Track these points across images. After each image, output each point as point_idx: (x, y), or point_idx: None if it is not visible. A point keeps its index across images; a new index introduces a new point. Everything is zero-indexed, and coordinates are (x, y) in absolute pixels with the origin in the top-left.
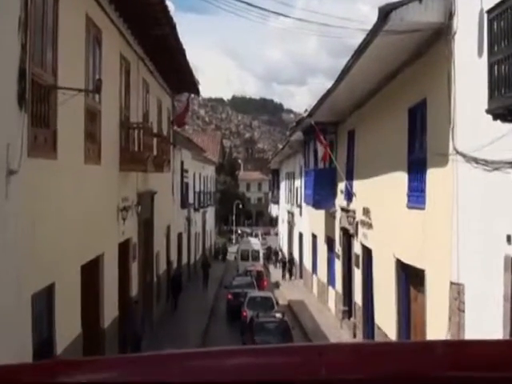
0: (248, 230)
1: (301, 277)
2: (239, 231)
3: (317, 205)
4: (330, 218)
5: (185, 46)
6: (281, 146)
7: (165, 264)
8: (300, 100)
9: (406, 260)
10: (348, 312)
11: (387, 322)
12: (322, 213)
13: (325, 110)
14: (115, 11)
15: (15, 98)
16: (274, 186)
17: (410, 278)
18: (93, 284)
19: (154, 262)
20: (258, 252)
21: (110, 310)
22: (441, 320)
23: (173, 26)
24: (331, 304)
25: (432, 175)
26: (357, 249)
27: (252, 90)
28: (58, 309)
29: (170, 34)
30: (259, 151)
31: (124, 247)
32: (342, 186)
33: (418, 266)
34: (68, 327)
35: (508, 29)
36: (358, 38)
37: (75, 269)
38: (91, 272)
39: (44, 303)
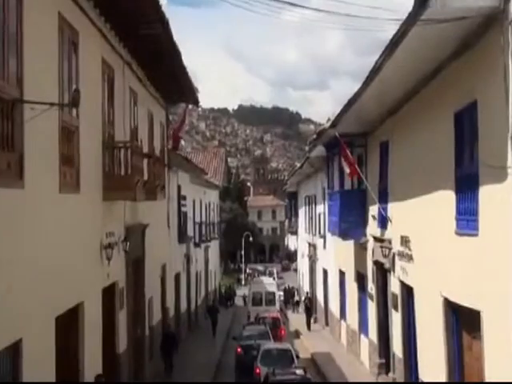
0: (260, 267)
1: (326, 323)
2: (249, 270)
3: (344, 234)
4: (360, 249)
5: (180, 48)
6: (298, 164)
7: (159, 312)
8: (321, 108)
9: (456, 299)
10: (385, 365)
11: (435, 377)
12: (350, 244)
13: (351, 119)
14: (95, 8)
15: None
16: (291, 212)
17: (462, 322)
18: (71, 339)
19: (146, 311)
20: (273, 294)
21: (91, 370)
22: (504, 373)
23: (165, 23)
24: (364, 356)
25: (486, 194)
26: (394, 287)
27: (262, 97)
28: (27, 370)
29: (162, 33)
30: (272, 171)
31: (109, 293)
32: (374, 210)
33: (472, 306)
34: None
35: None
36: (390, 31)
37: (48, 321)
38: (68, 324)
39: (8, 365)
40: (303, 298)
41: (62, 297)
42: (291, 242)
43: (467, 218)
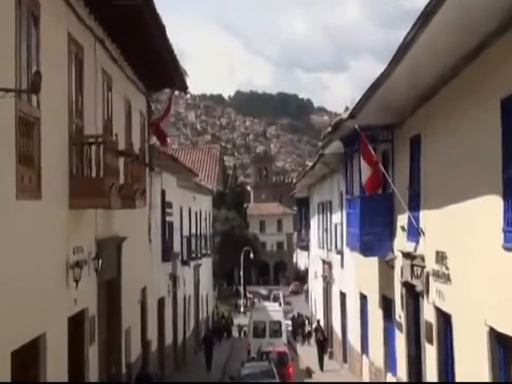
0: (263, 290)
1: (344, 359)
2: (249, 294)
3: (366, 250)
4: (385, 268)
5: (164, 20)
6: (310, 164)
7: (139, 346)
8: (337, 94)
9: (504, 329)
10: None
11: None
12: (373, 262)
13: (375, 108)
14: None
15: None
16: (301, 223)
17: None
18: (29, 378)
19: (122, 344)
20: (278, 324)
21: None
22: None
23: None
24: None
25: None
26: (428, 314)
27: (265, 81)
28: None
29: (142, 3)
30: (278, 172)
31: (77, 323)
32: (402, 219)
33: None
34: None
35: None
36: None
37: (1, 357)
38: (26, 361)
39: None
40: (314, 327)
41: (18, 327)
42: (301, 259)
43: None
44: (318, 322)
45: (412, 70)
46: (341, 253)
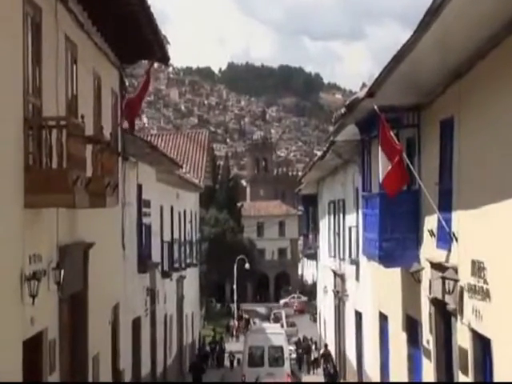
0: (262, 309)
1: None
2: (245, 314)
3: (387, 259)
4: (410, 282)
5: None
6: (319, 154)
7: (109, 376)
8: (352, 67)
9: None
10: None
11: None
12: (395, 274)
13: (397, 85)
14: None
15: None
16: (308, 226)
17: None
18: None
19: (89, 374)
20: (280, 350)
21: None
22: None
23: None
24: None
25: None
26: (463, 338)
27: (265, 51)
28: None
29: None
30: (280, 163)
31: (33, 347)
32: (431, 222)
33: None
34: None
35: None
36: None
37: None
38: None
39: None
40: (321, 353)
41: None
42: (308, 270)
43: None
44: (326, 346)
45: (443, 39)
46: (356, 263)
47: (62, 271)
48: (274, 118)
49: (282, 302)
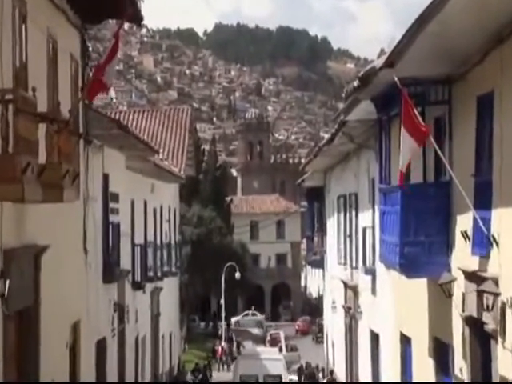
0: (255, 329)
1: None
2: (235, 336)
3: (410, 267)
4: (439, 296)
5: None
6: (326, 137)
7: None
8: (367, 30)
9: None
10: None
11: None
12: (421, 286)
13: (423, 52)
14: None
15: None
16: (313, 226)
17: None
18: None
19: None
20: (278, 379)
21: None
22: None
23: None
24: None
25: None
26: (505, 366)
27: (261, 10)
28: None
29: None
30: (278, 149)
31: None
32: (465, 222)
33: None
34: None
35: None
36: None
37: None
38: None
39: None
40: (325, 381)
41: None
42: (312, 281)
43: None
44: (332, 373)
45: None
46: (371, 272)
47: (8, 281)
48: (271, 93)
49: (296, 324)
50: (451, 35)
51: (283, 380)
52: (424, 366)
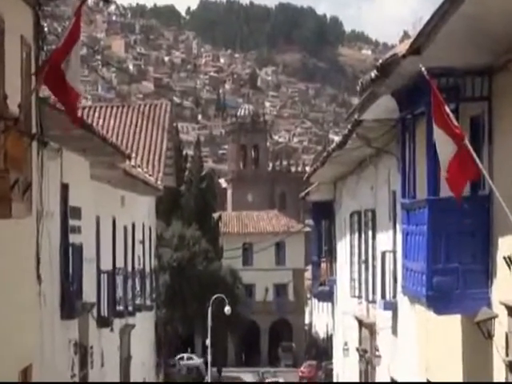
0: (250, 376)
1: None
2: None
3: (439, 301)
4: (476, 337)
5: None
6: (336, 139)
7: None
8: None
9: None
10: None
11: None
12: (453, 324)
13: (457, 36)
14: None
15: None
16: (320, 249)
17: None
18: None
19: None
20: None
21: None
22: None
23: None
24: None
25: None
26: None
27: None
28: None
29: None
30: (278, 154)
31: None
32: (508, 245)
33: None
34: None
35: None
36: None
37: None
38: None
39: None
40: None
41: None
42: (320, 317)
43: None
44: None
45: None
46: (392, 307)
47: None
48: (268, 85)
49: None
50: (492, 16)
51: None
52: None
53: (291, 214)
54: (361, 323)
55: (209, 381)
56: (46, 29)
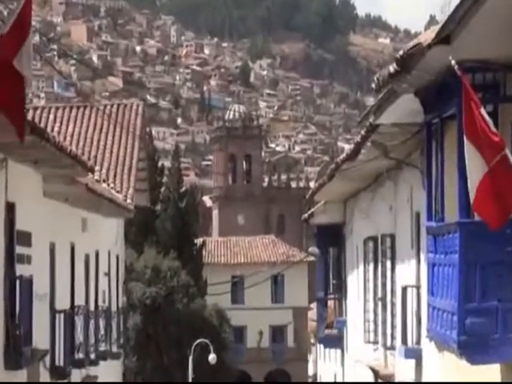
0: None
1: None
2: None
3: (474, 348)
4: None
5: None
6: (347, 148)
7: None
8: None
9: None
10: None
11: None
12: (491, 374)
13: (495, 23)
14: None
15: None
16: (327, 283)
17: None
18: None
19: None
20: None
21: None
22: None
23: None
24: None
25: None
26: None
27: None
28: None
29: None
30: (274, 165)
31: None
32: None
33: None
34: None
35: None
36: None
37: None
38: None
39: None
40: None
41: None
42: (326, 366)
43: None
44: None
45: None
46: (415, 354)
47: None
48: (264, 81)
49: None
50: None
51: None
52: None
53: (291, 241)
54: (377, 374)
55: None
56: None
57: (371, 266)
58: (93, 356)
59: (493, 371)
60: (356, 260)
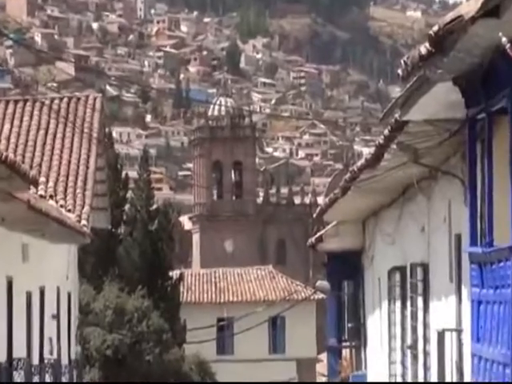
0: None
1: None
2: None
3: None
4: None
5: None
6: (366, 153)
7: None
8: None
9: None
10: None
11: None
12: None
13: None
14: None
15: None
16: (340, 327)
17: None
18: None
19: None
20: None
21: None
22: None
23: None
24: None
25: None
26: None
27: None
28: None
29: None
30: (272, 175)
31: None
32: None
33: None
34: None
35: None
36: None
37: None
38: None
39: None
40: None
41: None
42: None
43: None
44: None
45: None
46: None
47: None
48: (258, 66)
49: None
50: None
51: None
52: None
53: (294, 273)
54: None
55: None
56: None
57: (398, 305)
58: None
59: None
60: (378, 297)
